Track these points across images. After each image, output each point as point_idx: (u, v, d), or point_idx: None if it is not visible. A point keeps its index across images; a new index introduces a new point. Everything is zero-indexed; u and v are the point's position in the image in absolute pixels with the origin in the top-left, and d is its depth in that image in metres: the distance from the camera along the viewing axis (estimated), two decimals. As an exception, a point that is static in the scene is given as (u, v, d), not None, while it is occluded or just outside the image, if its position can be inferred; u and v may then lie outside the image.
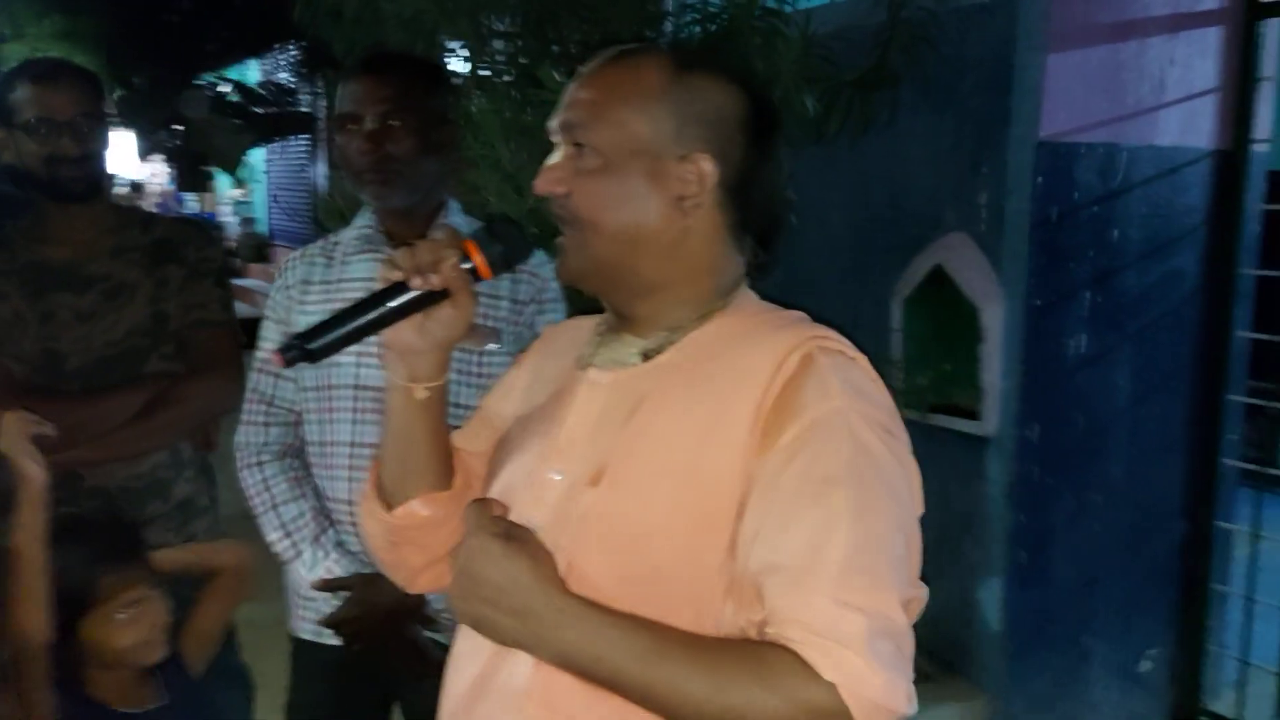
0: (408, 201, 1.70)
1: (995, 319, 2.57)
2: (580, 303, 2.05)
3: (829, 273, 3.00)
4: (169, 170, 10.66)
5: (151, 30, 8.82)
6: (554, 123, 1.07)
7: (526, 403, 1.19)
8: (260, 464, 1.73)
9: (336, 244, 1.77)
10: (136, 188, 11.09)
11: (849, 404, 0.96)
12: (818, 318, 1.11)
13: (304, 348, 1.02)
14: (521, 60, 2.29)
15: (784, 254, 1.17)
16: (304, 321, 1.69)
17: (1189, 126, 2.69)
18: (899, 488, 0.97)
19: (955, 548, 2.72)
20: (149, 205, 10.36)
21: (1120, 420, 2.76)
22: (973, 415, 2.67)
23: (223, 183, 11.66)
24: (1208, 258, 2.76)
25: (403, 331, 1.08)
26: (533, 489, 1.08)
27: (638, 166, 1.03)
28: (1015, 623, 2.70)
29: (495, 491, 1.13)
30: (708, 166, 1.03)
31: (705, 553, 0.96)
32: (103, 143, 1.92)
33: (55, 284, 1.91)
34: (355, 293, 1.68)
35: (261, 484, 1.72)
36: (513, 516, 1.05)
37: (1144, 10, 2.55)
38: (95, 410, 1.86)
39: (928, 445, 1.10)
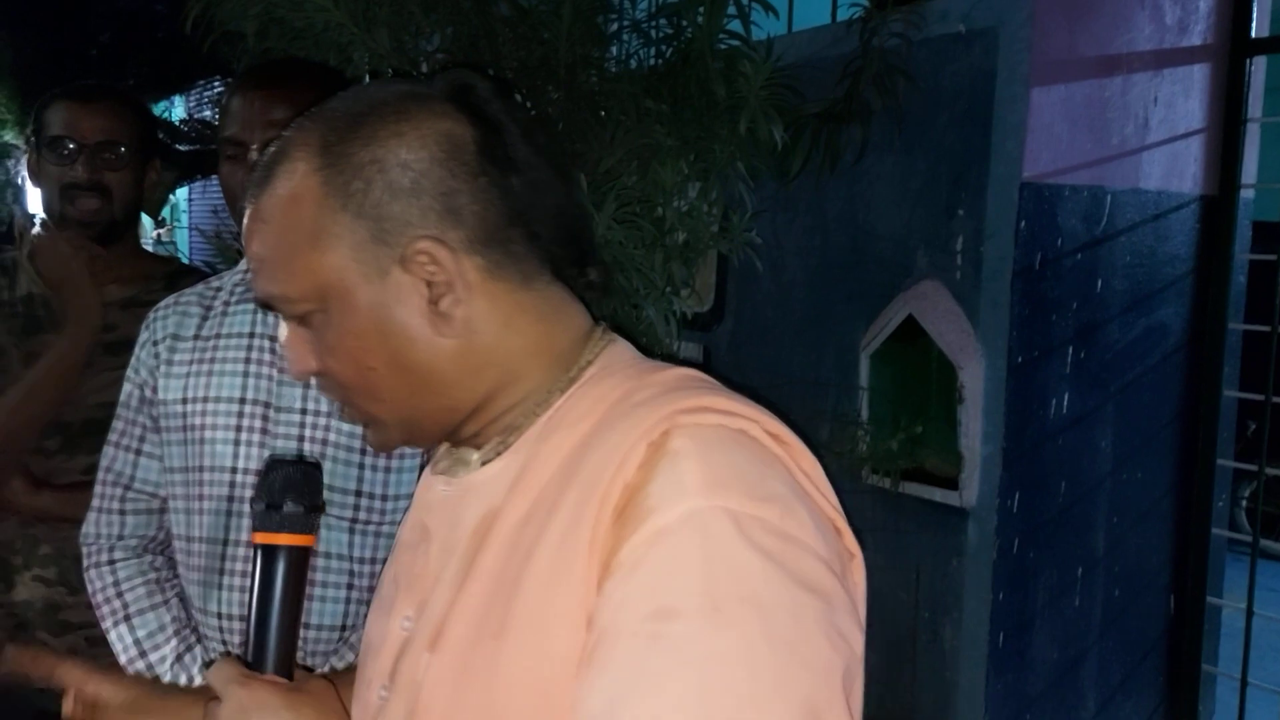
0: None
1: (975, 377, 2.34)
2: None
3: (787, 323, 2.75)
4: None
5: (69, 63, 8.48)
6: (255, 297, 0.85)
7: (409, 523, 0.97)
8: (112, 563, 1.41)
9: (217, 290, 1.46)
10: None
11: (711, 499, 0.67)
12: (738, 382, 0.83)
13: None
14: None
15: (736, 303, 0.92)
16: (170, 387, 1.39)
17: (1173, 170, 2.51)
18: (788, 622, 0.64)
19: (931, 633, 2.46)
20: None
21: (1103, 487, 2.55)
22: (948, 483, 2.42)
23: (146, 221, 11.23)
24: (1193, 311, 2.58)
25: None
26: (385, 641, 0.85)
27: (361, 301, 0.77)
28: (995, 712, 2.45)
29: (363, 642, 0.92)
30: (438, 250, 0.76)
31: None
32: (130, 184, 1.74)
33: (51, 324, 1.67)
34: (235, 350, 1.39)
35: (112, 588, 1.40)
36: (362, 677, 0.86)
37: (1129, 44, 2.37)
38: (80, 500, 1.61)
39: (898, 517, 0.86)
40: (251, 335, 1.40)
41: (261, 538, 0.85)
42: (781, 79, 1.93)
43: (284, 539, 0.85)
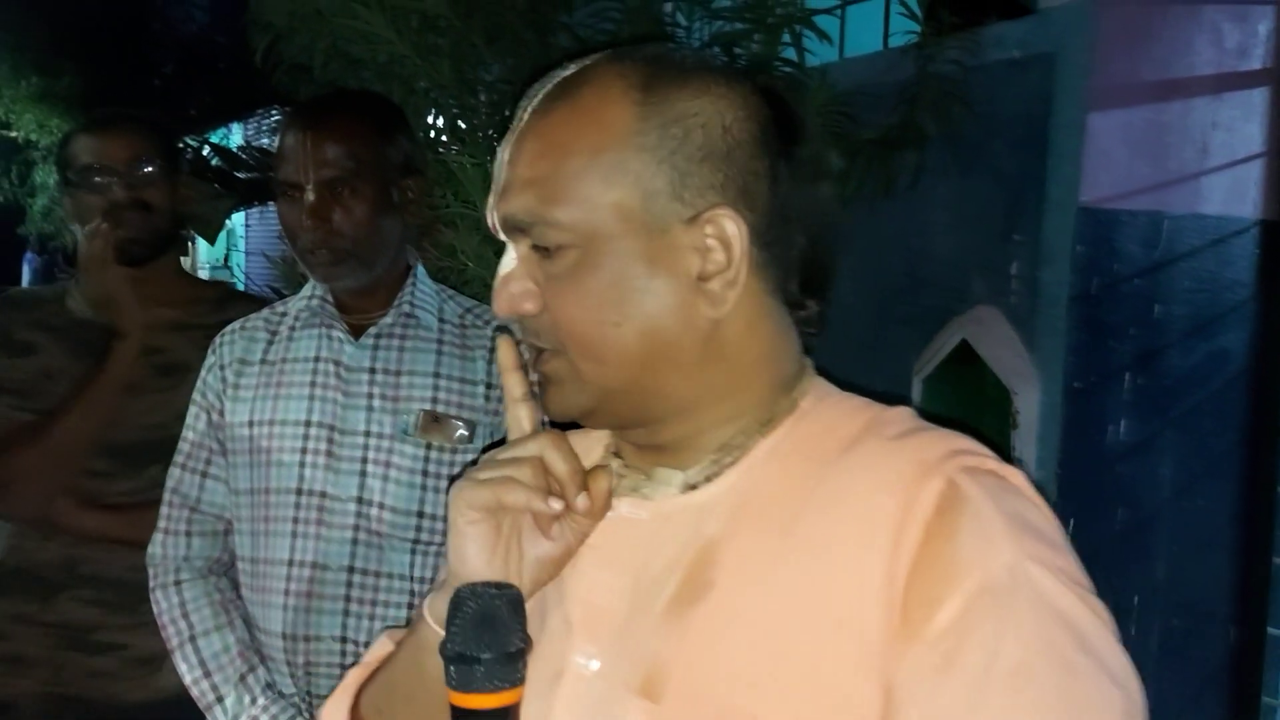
0: (363, 281, 1.44)
1: (1031, 403, 2.32)
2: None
3: (840, 347, 2.74)
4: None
5: (133, 93, 8.70)
6: (493, 218, 0.76)
7: None
8: (178, 584, 1.45)
9: (283, 315, 1.50)
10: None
11: (1021, 551, 0.65)
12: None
13: None
14: (507, 112, 2.06)
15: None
16: (236, 410, 1.42)
17: (1234, 194, 2.48)
18: (1114, 663, 0.65)
19: (987, 658, 2.44)
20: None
21: (1162, 514, 2.51)
22: (1004, 509, 2.40)
23: (204, 248, 11.44)
24: (1255, 336, 2.54)
25: (491, 560, 0.74)
26: (560, 680, 0.75)
27: (630, 250, 0.70)
28: (1053, 742, 2.42)
29: None
30: (731, 225, 0.70)
31: None
32: (162, 199, 1.75)
33: (100, 346, 1.69)
34: (301, 374, 1.42)
35: (178, 609, 1.43)
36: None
37: (1188, 69, 2.35)
38: (127, 521, 1.66)
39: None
40: (316, 359, 1.43)
41: (458, 700, 0.67)
42: (836, 105, 1.95)
43: (485, 701, 0.67)
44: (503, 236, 0.76)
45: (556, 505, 0.73)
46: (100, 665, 1.70)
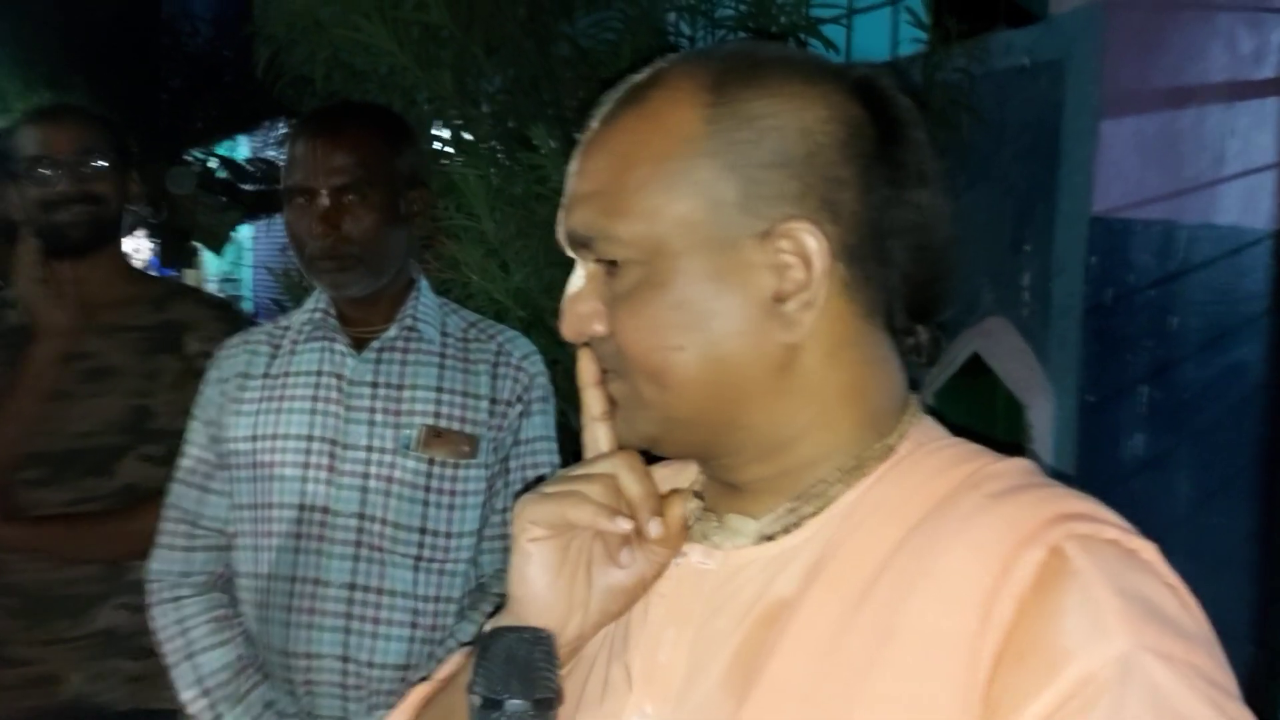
0: (370, 290, 1.42)
1: (1044, 416, 2.28)
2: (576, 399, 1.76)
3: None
4: (151, 245, 10.49)
5: (141, 106, 8.72)
6: (560, 232, 0.71)
7: None
8: (178, 599, 1.42)
9: (285, 329, 1.48)
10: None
11: (1140, 641, 0.55)
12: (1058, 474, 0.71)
13: None
14: (510, 123, 2.04)
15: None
16: (239, 425, 1.40)
17: (1249, 204, 2.44)
18: None
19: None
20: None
21: (1179, 532, 2.47)
22: (1017, 524, 2.37)
23: (211, 260, 11.47)
24: (1272, 349, 2.50)
25: (554, 584, 0.70)
26: None
27: (697, 268, 0.64)
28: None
29: None
30: (810, 239, 0.63)
31: None
32: (107, 190, 1.69)
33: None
34: (303, 388, 1.40)
35: (177, 625, 1.41)
36: None
37: (1202, 76, 2.32)
38: (53, 533, 1.63)
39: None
40: (319, 373, 1.41)
41: None
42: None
43: None
44: (570, 253, 0.71)
45: (625, 525, 0.67)
46: (3, 680, 1.63)
